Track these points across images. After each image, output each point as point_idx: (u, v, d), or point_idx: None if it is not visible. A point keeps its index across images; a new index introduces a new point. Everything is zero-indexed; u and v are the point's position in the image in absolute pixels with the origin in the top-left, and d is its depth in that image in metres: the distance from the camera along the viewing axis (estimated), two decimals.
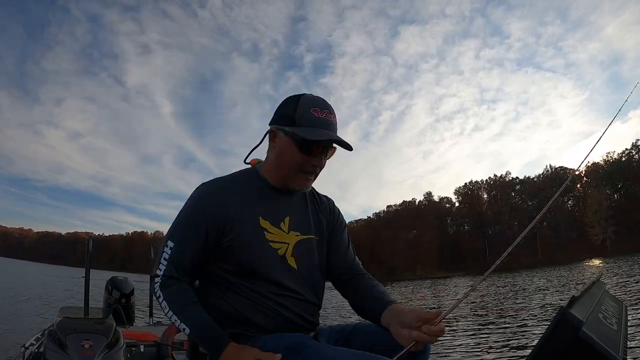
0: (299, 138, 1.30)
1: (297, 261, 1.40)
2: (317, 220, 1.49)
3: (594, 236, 68.60)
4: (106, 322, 2.77)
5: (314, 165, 1.35)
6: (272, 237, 1.37)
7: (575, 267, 39.92)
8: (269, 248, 1.35)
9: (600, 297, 1.18)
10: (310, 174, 1.37)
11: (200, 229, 1.32)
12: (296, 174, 1.36)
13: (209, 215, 1.32)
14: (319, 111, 1.32)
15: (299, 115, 1.31)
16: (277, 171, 1.39)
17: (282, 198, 1.43)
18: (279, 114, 1.37)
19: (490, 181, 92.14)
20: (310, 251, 1.44)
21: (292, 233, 1.41)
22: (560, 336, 0.89)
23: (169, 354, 3.03)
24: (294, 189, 1.41)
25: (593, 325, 0.91)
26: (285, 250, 1.38)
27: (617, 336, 0.98)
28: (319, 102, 1.34)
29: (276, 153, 1.37)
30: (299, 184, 1.38)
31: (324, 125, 1.31)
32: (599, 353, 0.85)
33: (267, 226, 1.37)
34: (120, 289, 4.55)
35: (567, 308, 0.90)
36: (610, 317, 1.07)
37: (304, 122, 1.31)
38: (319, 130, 1.30)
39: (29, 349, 3.07)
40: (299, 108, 1.32)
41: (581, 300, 1.01)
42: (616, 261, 36.95)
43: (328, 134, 1.31)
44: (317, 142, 1.31)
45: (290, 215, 1.42)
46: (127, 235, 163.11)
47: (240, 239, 1.32)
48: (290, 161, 1.34)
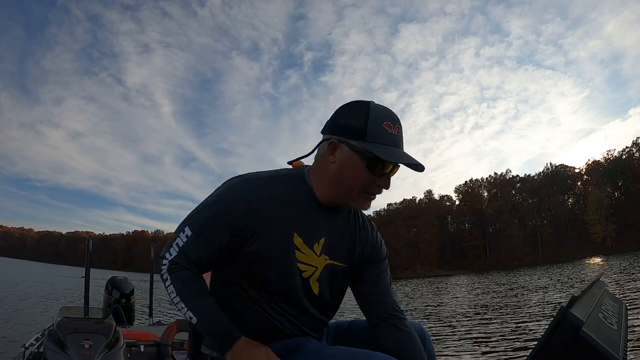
0: (371, 156, 1.15)
1: (320, 286, 1.29)
2: (352, 247, 1.34)
3: (595, 234, 68.59)
4: (106, 322, 2.77)
5: (380, 186, 1.21)
6: (302, 257, 1.25)
7: (576, 265, 39.93)
8: (296, 269, 1.24)
9: (600, 297, 1.18)
10: (374, 195, 1.22)
11: (224, 227, 1.19)
12: (359, 194, 1.20)
13: (237, 215, 1.18)
14: (392, 126, 1.17)
15: (371, 129, 1.15)
16: (335, 188, 1.22)
17: (324, 215, 1.27)
18: (344, 124, 1.19)
19: (491, 179, 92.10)
20: (336, 277, 1.32)
21: (322, 256, 1.28)
22: (561, 336, 0.88)
23: (169, 354, 3.04)
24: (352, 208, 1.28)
25: (593, 325, 0.91)
26: (311, 273, 1.27)
27: (617, 336, 0.98)
28: (391, 115, 1.18)
29: (337, 168, 1.20)
30: (361, 204, 1.23)
31: (397, 144, 1.18)
32: (599, 353, 0.84)
33: (299, 244, 1.23)
34: (120, 289, 4.56)
35: (567, 308, 0.90)
36: (610, 317, 1.07)
37: (376, 137, 1.15)
38: (395, 149, 1.17)
39: (29, 349, 3.08)
40: (370, 120, 1.16)
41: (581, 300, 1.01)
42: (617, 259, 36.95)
43: (405, 155, 1.18)
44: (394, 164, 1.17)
45: (326, 237, 1.28)
46: (128, 234, 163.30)
47: (268, 251, 1.21)
48: (356, 180, 1.18)
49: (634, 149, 74.98)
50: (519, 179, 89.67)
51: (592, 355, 0.85)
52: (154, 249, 6.08)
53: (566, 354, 0.88)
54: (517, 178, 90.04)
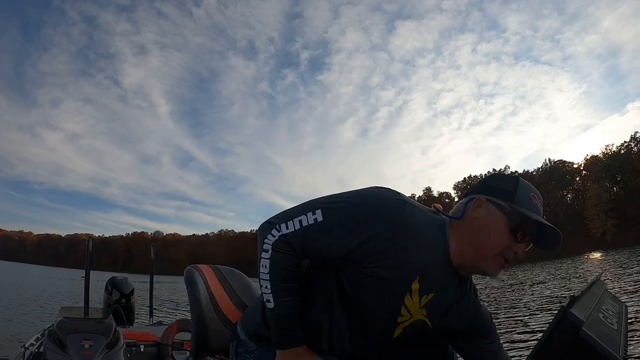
0: (517, 218, 1.15)
1: (402, 334, 1.26)
2: (453, 318, 1.29)
3: (594, 229, 68.72)
4: (106, 322, 2.77)
5: (516, 252, 1.17)
6: (409, 303, 1.20)
7: (575, 261, 40.00)
8: (397, 311, 1.20)
9: (600, 296, 1.18)
10: (507, 262, 1.18)
11: (358, 235, 1.11)
12: (495, 257, 1.17)
13: (378, 229, 1.11)
14: (537, 198, 1.19)
15: (520, 195, 1.17)
16: (472, 246, 1.18)
17: (445, 272, 1.22)
18: (493, 187, 1.21)
19: None
20: (418, 333, 1.28)
21: (422, 310, 1.23)
22: (561, 336, 0.88)
23: (169, 354, 3.03)
24: (483, 273, 1.21)
25: (593, 325, 0.91)
26: (405, 320, 1.23)
27: (617, 336, 0.98)
28: (536, 191, 1.21)
29: (479, 226, 1.17)
30: (492, 268, 1.18)
31: (539, 214, 1.19)
32: (599, 353, 0.84)
33: (415, 289, 1.18)
34: (120, 289, 4.55)
35: (567, 308, 0.89)
36: (610, 317, 1.07)
37: (523, 203, 1.17)
38: (538, 216, 1.17)
39: (29, 349, 3.08)
40: (520, 188, 1.18)
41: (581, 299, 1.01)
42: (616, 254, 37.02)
43: (548, 222, 1.17)
44: (535, 225, 1.17)
45: (435, 294, 1.22)
46: (128, 236, 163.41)
47: (387, 281, 1.15)
48: (496, 239, 1.16)
49: (632, 143, 75.08)
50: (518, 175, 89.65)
51: (592, 355, 0.84)
52: (154, 249, 6.07)
53: (566, 354, 0.88)
54: (516, 174, 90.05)
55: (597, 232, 68.14)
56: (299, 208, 1.16)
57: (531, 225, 1.16)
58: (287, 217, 1.14)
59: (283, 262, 1.13)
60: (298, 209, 1.16)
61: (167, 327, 3.38)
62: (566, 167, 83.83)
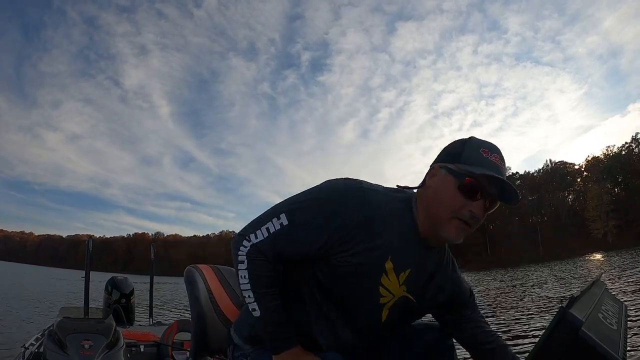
0: (461, 172, 1.15)
1: (389, 315, 1.27)
2: (433, 289, 1.32)
3: (595, 230, 68.58)
4: (106, 322, 2.77)
5: (472, 212, 1.16)
6: (387, 282, 1.22)
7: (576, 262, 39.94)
8: (377, 292, 1.23)
9: (600, 297, 1.18)
10: (465, 223, 1.17)
11: (325, 230, 1.15)
12: (450, 220, 1.17)
13: (345, 223, 1.15)
14: (488, 152, 1.18)
15: (466, 154, 1.17)
16: (429, 211, 1.20)
17: (418, 248, 1.25)
18: (444, 152, 1.24)
19: None
20: (404, 311, 1.31)
21: (402, 287, 1.26)
22: (560, 336, 0.88)
23: (169, 354, 3.03)
24: (444, 239, 1.22)
25: (593, 325, 0.90)
26: (387, 300, 1.25)
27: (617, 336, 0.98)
28: (489, 145, 1.20)
29: (433, 191, 1.20)
30: (450, 231, 1.18)
31: (492, 168, 1.16)
32: (599, 353, 0.84)
33: (389, 269, 1.21)
34: (120, 289, 4.56)
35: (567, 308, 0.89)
36: (610, 317, 1.07)
37: (470, 160, 1.16)
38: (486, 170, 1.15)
39: (29, 349, 3.08)
40: (467, 146, 1.19)
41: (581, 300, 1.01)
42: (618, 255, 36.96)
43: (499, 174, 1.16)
44: (482, 180, 1.15)
45: (412, 269, 1.25)
46: (129, 237, 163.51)
47: (360, 266, 1.18)
48: (447, 201, 1.17)
49: (633, 144, 74.94)
50: (519, 176, 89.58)
51: (592, 355, 0.84)
52: (154, 249, 6.08)
53: (566, 354, 0.87)
54: (517, 175, 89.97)
55: (598, 233, 68.00)
56: (265, 215, 1.19)
57: (482, 181, 1.15)
58: (256, 227, 1.18)
59: (259, 269, 1.16)
60: (264, 217, 1.19)
61: (167, 327, 3.38)
62: (567, 168, 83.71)
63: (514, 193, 1.16)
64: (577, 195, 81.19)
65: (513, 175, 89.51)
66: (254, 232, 1.17)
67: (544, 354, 0.90)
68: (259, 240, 1.16)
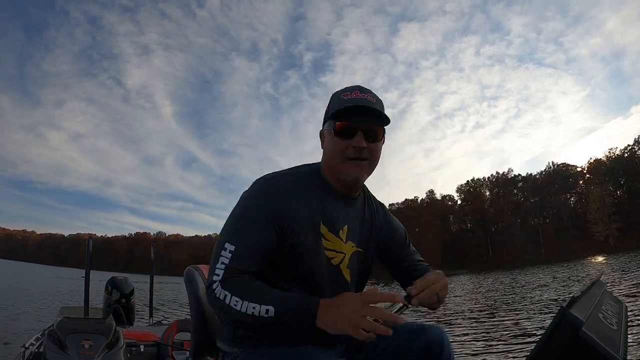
0: (333, 121, 1.28)
1: (351, 274, 1.35)
2: (369, 233, 1.43)
3: (597, 233, 68.41)
4: (106, 322, 2.77)
5: (356, 147, 1.26)
6: (329, 244, 1.31)
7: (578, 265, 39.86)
8: (324, 257, 1.30)
9: (600, 297, 1.18)
10: (356, 160, 1.28)
11: (265, 228, 1.22)
12: (344, 164, 1.29)
13: (272, 214, 1.23)
14: (349, 94, 1.29)
15: (332, 106, 1.30)
16: (328, 167, 1.34)
17: (342, 204, 1.36)
18: (324, 118, 1.36)
19: (493, 178, 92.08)
20: (363, 264, 1.40)
21: (349, 243, 1.35)
22: (561, 336, 0.88)
23: (169, 354, 3.03)
24: (349, 181, 1.32)
25: (593, 325, 0.90)
26: (340, 260, 1.33)
27: (617, 336, 0.98)
28: (349, 87, 1.32)
29: (325, 150, 1.35)
30: (350, 172, 1.29)
31: (354, 102, 1.26)
32: (599, 353, 0.84)
33: (325, 232, 1.30)
34: (120, 289, 4.55)
35: (567, 308, 0.90)
36: (610, 317, 1.07)
37: (336, 107, 1.28)
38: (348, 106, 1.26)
39: (29, 349, 3.08)
40: (332, 100, 1.33)
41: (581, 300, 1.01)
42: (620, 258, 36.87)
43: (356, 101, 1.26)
44: (347, 115, 1.26)
45: (349, 224, 1.36)
46: (130, 236, 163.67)
47: (300, 244, 1.26)
48: (334, 151, 1.29)
49: (636, 147, 74.86)
50: (521, 178, 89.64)
51: (592, 355, 0.84)
52: (154, 249, 6.10)
53: (566, 354, 0.88)
54: (519, 177, 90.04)
55: (600, 236, 67.85)
56: (214, 254, 1.24)
57: (348, 118, 1.26)
58: (212, 269, 1.22)
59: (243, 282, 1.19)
60: (214, 255, 1.23)
61: (167, 327, 3.38)
62: (569, 170, 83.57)
63: (375, 110, 1.27)
64: (580, 197, 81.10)
65: (515, 177, 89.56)
66: (214, 273, 1.21)
67: (544, 354, 0.90)
68: (221, 276, 1.20)
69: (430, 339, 1.32)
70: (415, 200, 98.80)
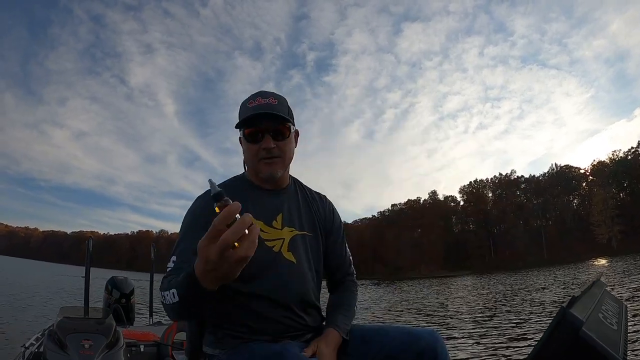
0: (241, 131, 1.40)
1: (295, 255, 1.42)
2: (310, 217, 1.52)
3: (600, 235, 68.26)
4: (106, 322, 2.77)
5: (265, 149, 1.38)
6: (266, 236, 1.38)
7: (581, 267, 39.78)
8: (265, 247, 1.36)
9: (601, 297, 1.18)
10: (267, 159, 1.40)
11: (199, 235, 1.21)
12: (258, 164, 1.41)
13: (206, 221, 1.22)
14: (253, 102, 1.39)
15: (240, 115, 1.39)
16: (250, 168, 1.47)
17: (272, 196, 1.46)
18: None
19: (495, 180, 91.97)
20: (306, 245, 1.47)
21: (286, 229, 1.44)
22: (561, 336, 0.88)
23: (169, 354, 3.03)
24: (266, 178, 1.43)
25: (593, 325, 0.90)
26: (280, 245, 1.40)
27: (617, 336, 0.98)
28: (253, 94, 1.42)
29: (244, 155, 1.46)
30: (264, 171, 1.41)
31: (257, 110, 1.36)
32: (599, 353, 0.84)
33: (260, 226, 1.37)
34: (120, 288, 4.56)
35: (567, 308, 0.90)
36: (610, 317, 1.06)
37: (242, 117, 1.38)
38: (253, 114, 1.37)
39: (29, 349, 3.08)
40: (240, 110, 1.41)
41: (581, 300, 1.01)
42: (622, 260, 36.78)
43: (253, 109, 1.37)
44: (248, 122, 1.37)
45: (282, 212, 1.45)
46: (133, 234, 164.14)
47: None
48: (248, 155, 1.42)
49: (639, 149, 74.64)
50: (524, 180, 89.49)
51: (592, 355, 0.84)
52: (154, 249, 6.10)
53: (566, 354, 0.88)
54: (522, 178, 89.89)
55: (603, 238, 67.70)
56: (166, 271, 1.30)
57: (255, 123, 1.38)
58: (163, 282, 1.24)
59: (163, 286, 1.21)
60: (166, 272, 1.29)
61: (167, 327, 3.38)
62: (572, 172, 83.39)
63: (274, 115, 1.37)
64: (582, 199, 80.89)
65: (518, 179, 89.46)
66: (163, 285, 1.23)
67: (544, 354, 0.90)
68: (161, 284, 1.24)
69: (423, 346, 1.29)
70: (418, 200, 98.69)
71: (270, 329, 1.31)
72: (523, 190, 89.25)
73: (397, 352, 1.31)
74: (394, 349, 1.31)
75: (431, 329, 1.39)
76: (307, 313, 1.41)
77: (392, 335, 1.34)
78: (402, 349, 1.30)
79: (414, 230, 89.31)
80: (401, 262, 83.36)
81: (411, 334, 1.33)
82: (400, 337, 1.33)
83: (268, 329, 1.31)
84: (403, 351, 1.30)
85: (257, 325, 1.31)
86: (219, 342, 1.37)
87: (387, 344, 1.33)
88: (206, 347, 1.43)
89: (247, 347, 1.29)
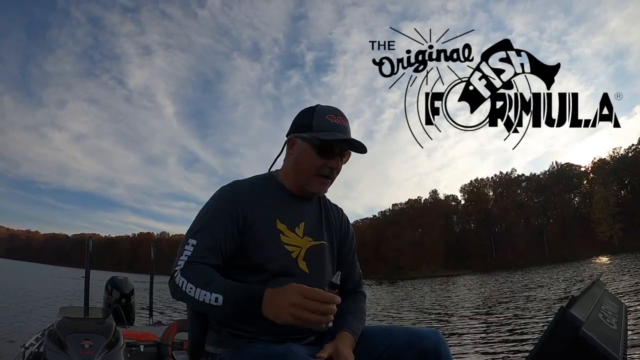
0: (317, 141, 1.38)
1: (308, 265, 1.42)
2: (328, 228, 1.55)
3: (601, 233, 68.21)
4: (106, 322, 2.77)
5: (332, 168, 1.42)
6: (287, 239, 1.41)
7: (582, 265, 39.77)
8: (284, 249, 1.39)
9: (600, 297, 1.18)
10: (327, 178, 1.43)
11: (227, 226, 1.33)
12: (314, 177, 1.42)
13: (231, 212, 1.34)
14: (334, 117, 1.41)
15: (316, 123, 1.40)
16: (295, 176, 1.45)
17: (298, 204, 1.48)
18: (297, 124, 1.46)
19: (496, 178, 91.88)
20: (322, 256, 1.48)
21: (305, 238, 1.45)
22: (560, 336, 0.88)
23: (169, 354, 3.03)
24: (312, 193, 1.47)
25: (593, 325, 0.90)
26: (297, 253, 1.42)
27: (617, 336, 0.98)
28: (333, 110, 1.44)
29: (294, 159, 1.44)
30: (316, 187, 1.44)
31: (339, 130, 1.40)
32: (599, 353, 0.84)
33: (283, 229, 1.41)
34: (120, 288, 4.56)
35: (567, 308, 0.90)
36: (610, 317, 1.06)
37: (321, 127, 1.39)
38: (337, 134, 1.39)
39: (29, 349, 3.08)
40: (315, 116, 1.41)
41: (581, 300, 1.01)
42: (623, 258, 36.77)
43: (344, 136, 1.40)
44: (335, 143, 1.39)
45: (305, 221, 1.47)
46: (134, 236, 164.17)
47: (257, 239, 1.36)
48: (309, 165, 1.41)
49: None
50: (525, 178, 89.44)
51: (592, 355, 0.84)
52: (154, 249, 6.10)
53: (566, 354, 0.87)
54: (523, 177, 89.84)
55: (604, 236, 67.66)
56: (178, 251, 1.33)
57: (332, 143, 1.39)
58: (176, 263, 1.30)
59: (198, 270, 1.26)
60: (178, 252, 1.33)
61: (167, 327, 3.37)
62: (573, 170, 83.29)
63: (360, 145, 1.41)
64: (583, 197, 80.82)
65: (519, 177, 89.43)
66: (175, 266, 1.29)
67: (544, 354, 0.90)
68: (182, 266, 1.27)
69: (426, 346, 1.30)
70: (419, 200, 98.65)
71: (273, 329, 1.28)
72: (524, 188, 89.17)
73: (400, 352, 1.32)
74: (398, 348, 1.32)
75: (435, 329, 1.40)
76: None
77: (396, 335, 1.35)
78: (406, 348, 1.31)
79: (414, 230, 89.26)
80: (402, 262, 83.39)
81: (415, 334, 1.34)
82: (404, 337, 1.34)
83: (271, 330, 1.29)
84: (407, 351, 1.31)
85: (261, 326, 1.29)
86: (222, 341, 1.38)
87: (391, 344, 1.34)
88: (209, 346, 1.44)
89: (250, 347, 1.29)
